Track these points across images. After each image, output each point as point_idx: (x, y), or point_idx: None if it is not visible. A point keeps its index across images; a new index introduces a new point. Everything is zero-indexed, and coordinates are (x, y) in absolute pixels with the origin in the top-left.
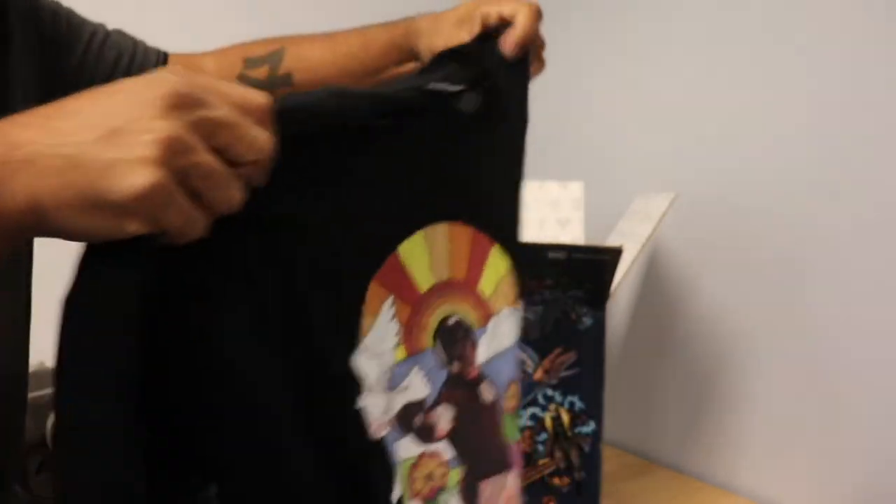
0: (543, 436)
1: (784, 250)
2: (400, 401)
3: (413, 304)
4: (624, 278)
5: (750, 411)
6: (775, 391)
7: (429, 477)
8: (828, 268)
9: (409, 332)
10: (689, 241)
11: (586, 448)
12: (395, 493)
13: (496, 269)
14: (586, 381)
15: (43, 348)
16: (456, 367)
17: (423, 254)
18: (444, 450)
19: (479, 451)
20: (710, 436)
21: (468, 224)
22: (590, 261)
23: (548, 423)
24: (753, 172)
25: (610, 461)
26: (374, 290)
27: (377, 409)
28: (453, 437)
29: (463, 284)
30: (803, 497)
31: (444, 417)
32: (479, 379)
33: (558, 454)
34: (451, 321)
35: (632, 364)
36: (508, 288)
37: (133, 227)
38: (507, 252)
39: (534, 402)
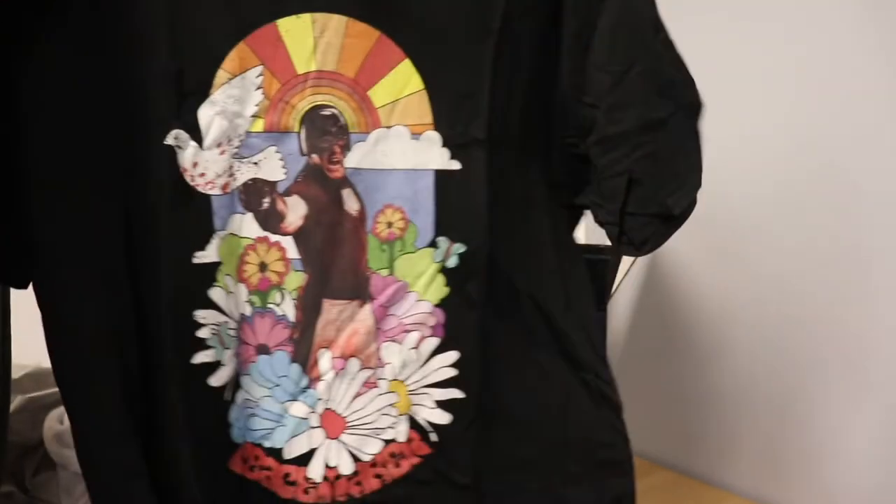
0: None
1: (785, 250)
2: (247, 173)
3: (285, 81)
4: (625, 278)
5: (752, 412)
6: (777, 392)
7: (262, 266)
8: (829, 267)
9: (273, 107)
10: (689, 241)
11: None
12: (207, 255)
13: (399, 83)
14: None
15: (42, 349)
16: (316, 159)
17: (307, 36)
18: (289, 247)
19: (329, 265)
20: (712, 437)
21: (376, 28)
22: (590, 261)
23: None
24: (755, 172)
25: None
26: (240, 50)
27: (212, 166)
28: (301, 236)
29: (350, 82)
30: (805, 499)
31: (294, 210)
32: (343, 183)
33: None
34: (326, 111)
35: (632, 364)
36: (416, 110)
37: None
38: (428, 78)
39: None
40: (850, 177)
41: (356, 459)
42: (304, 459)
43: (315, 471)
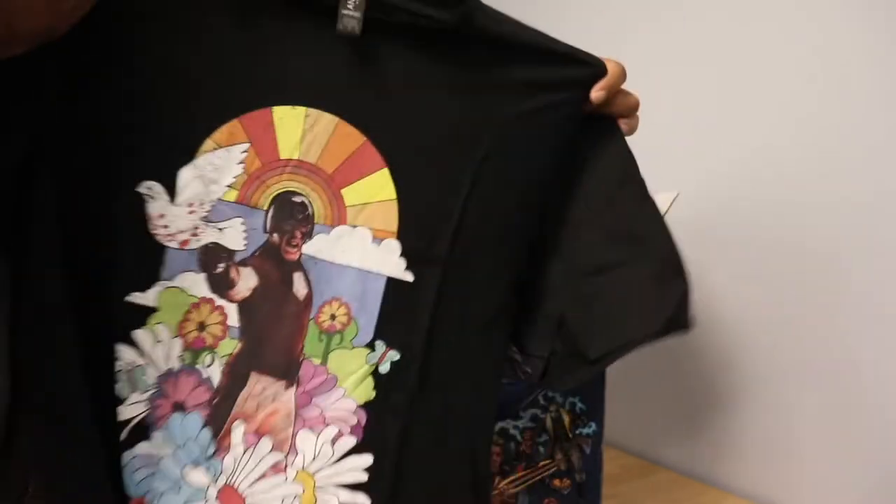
0: (544, 437)
1: (786, 250)
2: (210, 236)
3: (266, 161)
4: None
5: (752, 412)
6: (777, 392)
7: (201, 326)
8: (830, 267)
9: (249, 183)
10: (690, 241)
11: (587, 449)
12: (145, 298)
13: (373, 189)
14: (587, 381)
15: None
16: (276, 239)
17: (298, 127)
18: (231, 313)
19: (264, 339)
20: (712, 437)
21: (363, 133)
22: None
23: (548, 424)
24: (755, 171)
25: (611, 463)
26: (233, 126)
27: (177, 221)
28: (245, 306)
29: (327, 177)
30: (805, 499)
31: (245, 280)
32: (297, 266)
33: (559, 456)
34: (297, 199)
35: (633, 365)
36: (382, 217)
37: None
38: (402, 190)
39: (534, 403)
40: (850, 179)
41: None
42: None
43: None
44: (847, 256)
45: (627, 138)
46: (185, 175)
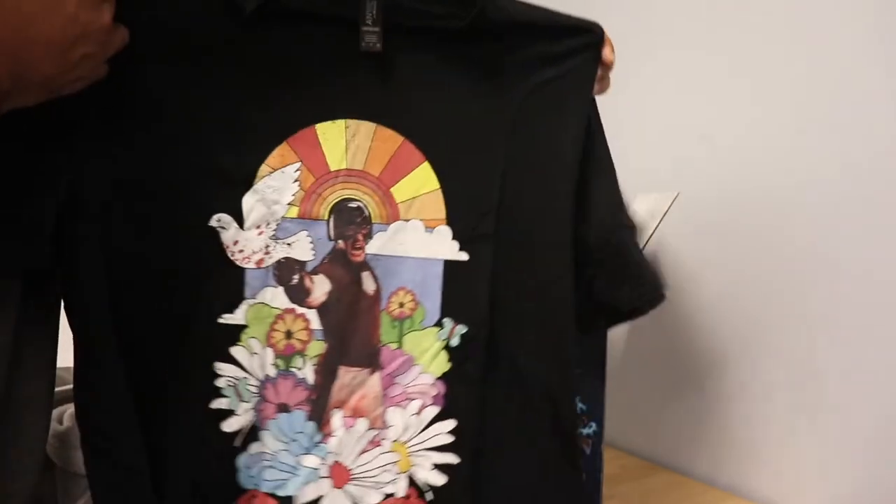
0: None
1: (786, 250)
2: (281, 252)
3: (319, 176)
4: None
5: (752, 412)
6: (778, 392)
7: (288, 334)
8: (830, 267)
9: (307, 198)
10: (690, 241)
11: (587, 450)
12: (234, 318)
13: (418, 182)
14: (587, 382)
15: None
16: (342, 244)
17: (340, 139)
18: (312, 318)
19: (345, 336)
20: (713, 437)
21: (400, 134)
22: None
23: None
24: (755, 172)
25: (611, 463)
26: (283, 149)
27: (250, 244)
28: (323, 310)
29: (375, 180)
30: (806, 499)
31: (319, 287)
32: (363, 266)
33: None
34: (353, 204)
35: (633, 365)
36: (431, 207)
37: None
38: (444, 179)
39: None
40: (848, 178)
41: None
42: None
43: None
44: (848, 256)
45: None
46: (248, 201)
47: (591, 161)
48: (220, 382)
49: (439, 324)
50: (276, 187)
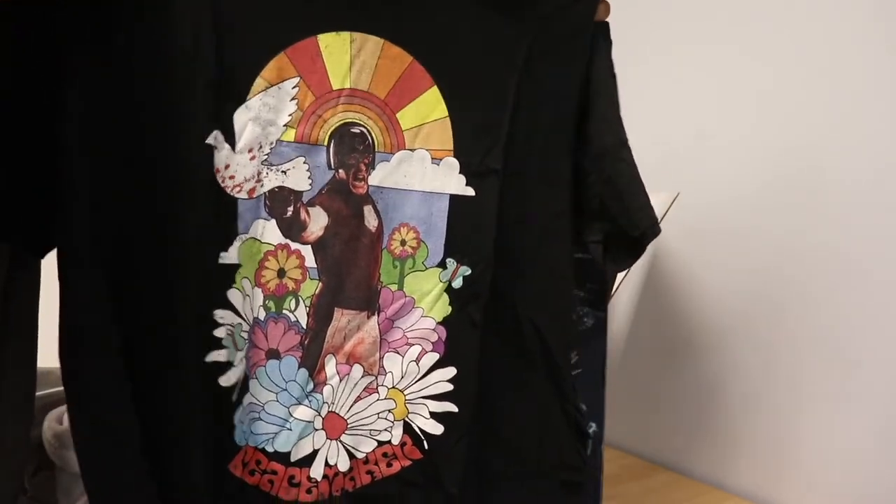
0: None
1: (786, 250)
2: (275, 180)
3: (319, 95)
4: (625, 278)
5: (752, 412)
6: (778, 392)
7: (280, 272)
8: (830, 267)
9: (305, 119)
10: (690, 241)
11: (587, 450)
12: (229, 256)
13: (426, 109)
14: (587, 382)
15: (42, 350)
16: (342, 174)
17: (345, 53)
18: (307, 255)
19: (343, 275)
20: (713, 437)
21: (409, 53)
22: (591, 260)
23: None
24: (755, 172)
25: (611, 463)
26: (280, 60)
27: (241, 169)
28: (319, 246)
29: (380, 103)
30: (804, 499)
31: (316, 221)
32: (366, 199)
33: None
34: (356, 129)
35: (633, 365)
36: (438, 136)
37: None
38: (452, 107)
39: None
40: (847, 177)
41: (351, 457)
42: (308, 460)
43: (317, 470)
44: (849, 256)
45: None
46: (241, 119)
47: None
48: (219, 332)
49: (442, 264)
50: (271, 105)
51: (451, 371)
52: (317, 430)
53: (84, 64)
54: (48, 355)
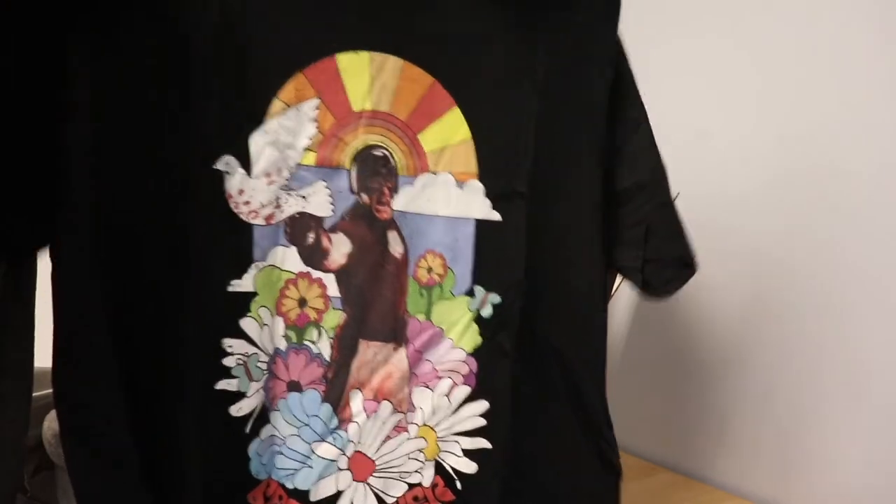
0: None
1: (786, 251)
2: (294, 205)
3: (340, 117)
4: (624, 280)
5: (753, 412)
6: (778, 392)
7: (301, 302)
8: (830, 268)
9: (325, 142)
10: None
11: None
12: (242, 284)
13: (449, 130)
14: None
15: (37, 350)
16: (365, 199)
17: (364, 73)
18: (330, 284)
19: (367, 305)
20: (712, 437)
21: (430, 73)
22: None
23: None
24: (755, 172)
25: None
26: (298, 80)
27: (257, 195)
28: (343, 274)
29: (402, 125)
30: (804, 499)
31: (338, 248)
32: (390, 224)
33: None
34: (378, 152)
35: (633, 365)
36: (462, 159)
37: None
38: (475, 127)
39: None
40: (847, 176)
41: (380, 501)
42: (331, 502)
43: None
44: (850, 256)
45: None
46: (257, 143)
47: (621, 101)
48: (228, 361)
49: (470, 292)
50: (289, 128)
51: (483, 405)
52: (341, 469)
53: (91, 65)
54: (48, 356)
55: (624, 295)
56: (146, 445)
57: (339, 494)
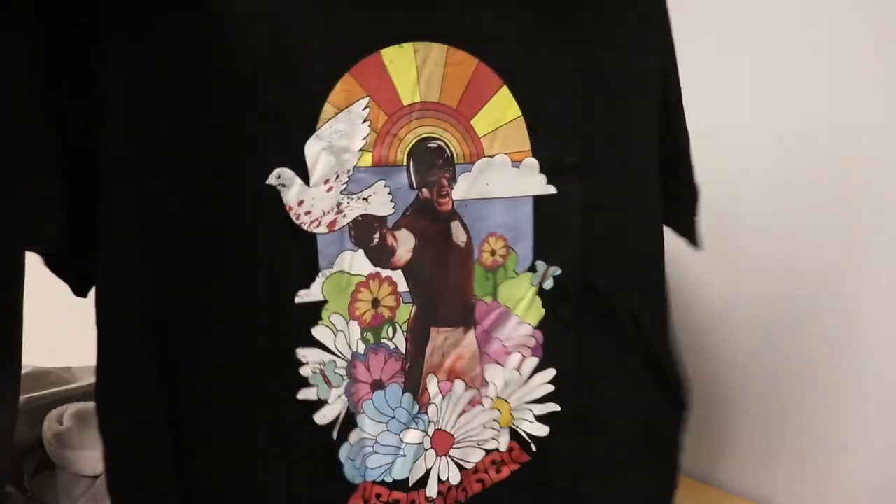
0: None
1: (787, 250)
2: (357, 209)
3: (391, 113)
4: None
5: (753, 412)
6: (778, 392)
7: (375, 302)
8: (830, 268)
9: (380, 141)
10: None
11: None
12: (311, 294)
13: (499, 111)
14: None
15: (37, 350)
16: (426, 193)
17: (410, 65)
18: (399, 280)
19: (437, 294)
20: (712, 437)
21: (474, 55)
22: None
23: None
24: (755, 171)
25: None
26: (347, 82)
27: (319, 203)
28: (410, 269)
29: (454, 112)
30: (804, 499)
31: (404, 244)
32: (452, 215)
33: None
34: (433, 144)
35: None
36: (515, 138)
37: None
38: (524, 104)
39: None
40: (849, 175)
41: (461, 469)
42: (423, 481)
43: (432, 489)
44: (851, 256)
45: None
46: (312, 151)
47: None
48: (304, 371)
49: (532, 268)
50: (343, 131)
51: (550, 373)
52: (426, 449)
53: (127, 77)
54: (49, 356)
55: None
56: (209, 468)
57: (428, 472)
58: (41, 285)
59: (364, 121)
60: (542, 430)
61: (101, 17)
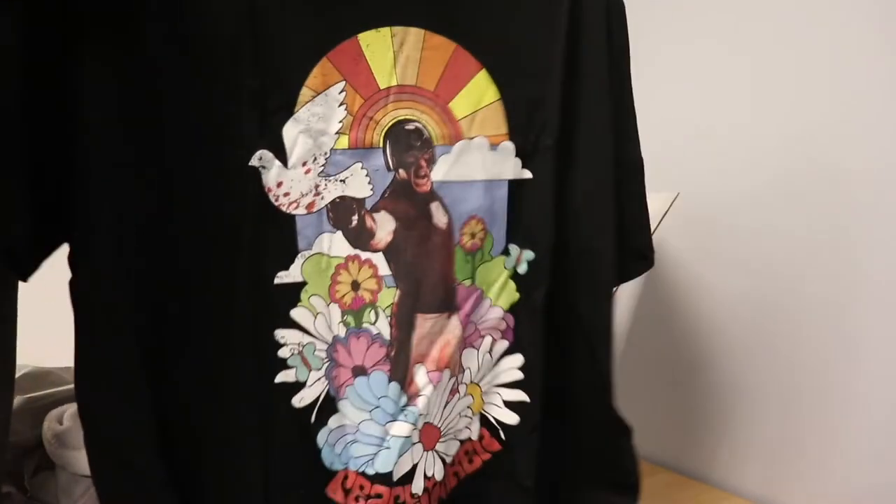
0: None
1: (785, 250)
2: (334, 191)
3: (367, 96)
4: None
5: (751, 412)
6: (778, 392)
7: (355, 285)
8: (829, 268)
9: (356, 123)
10: (689, 241)
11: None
12: (290, 275)
13: (478, 94)
14: None
15: (37, 350)
16: (403, 174)
17: (387, 50)
18: (379, 263)
19: (420, 279)
20: (712, 437)
21: (452, 39)
22: None
23: None
24: (755, 172)
25: None
26: (323, 67)
27: (297, 185)
28: (390, 252)
29: (431, 95)
30: (804, 498)
31: (383, 226)
32: (431, 196)
33: None
34: (410, 126)
35: (633, 365)
36: (493, 121)
37: None
38: (503, 88)
39: None
40: (847, 175)
41: (444, 463)
42: (409, 477)
43: (417, 485)
44: (850, 256)
45: None
46: (290, 133)
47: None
48: (283, 352)
49: (506, 251)
50: (320, 114)
51: (519, 359)
52: (415, 444)
53: (113, 66)
54: (49, 356)
55: (624, 294)
56: (190, 449)
57: (414, 468)
58: (41, 285)
59: (340, 104)
60: (510, 418)
61: None
